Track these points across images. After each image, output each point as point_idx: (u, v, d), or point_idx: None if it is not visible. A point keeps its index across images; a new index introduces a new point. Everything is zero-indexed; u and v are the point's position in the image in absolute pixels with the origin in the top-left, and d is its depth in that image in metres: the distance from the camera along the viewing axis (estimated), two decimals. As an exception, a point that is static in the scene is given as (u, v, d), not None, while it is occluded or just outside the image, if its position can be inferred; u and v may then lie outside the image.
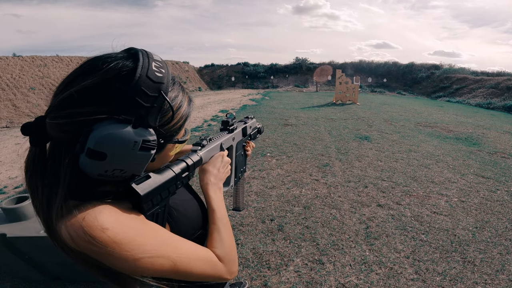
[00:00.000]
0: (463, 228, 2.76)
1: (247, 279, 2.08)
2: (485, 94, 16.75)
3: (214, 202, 0.68)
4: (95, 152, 0.43)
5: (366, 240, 2.55)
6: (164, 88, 0.49)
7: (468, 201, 3.34)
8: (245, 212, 3.00)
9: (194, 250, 0.55)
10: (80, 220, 0.43)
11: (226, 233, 0.65)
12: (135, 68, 0.47)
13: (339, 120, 8.44)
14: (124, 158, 0.46)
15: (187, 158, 0.62)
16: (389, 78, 25.19)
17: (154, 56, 0.51)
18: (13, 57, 15.01)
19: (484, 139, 6.49)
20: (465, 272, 2.17)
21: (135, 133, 0.45)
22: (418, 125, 7.91)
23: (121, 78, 0.46)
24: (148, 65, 0.48)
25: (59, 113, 0.44)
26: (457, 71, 22.89)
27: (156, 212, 0.53)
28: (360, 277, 2.11)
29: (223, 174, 0.74)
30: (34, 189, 0.47)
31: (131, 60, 0.48)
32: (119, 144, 0.44)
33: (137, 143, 0.46)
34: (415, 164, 4.57)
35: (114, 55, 0.49)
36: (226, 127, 0.86)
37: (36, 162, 0.47)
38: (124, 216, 0.47)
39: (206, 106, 12.09)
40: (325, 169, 4.31)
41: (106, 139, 0.43)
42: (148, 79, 0.47)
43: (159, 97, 0.48)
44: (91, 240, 0.42)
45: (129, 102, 0.45)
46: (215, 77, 29.65)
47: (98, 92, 0.45)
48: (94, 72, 0.46)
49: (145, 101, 0.46)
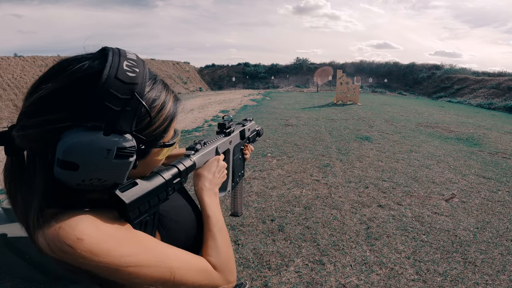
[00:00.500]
0: (464, 228, 2.76)
1: (248, 279, 2.08)
2: (486, 94, 16.73)
3: (209, 208, 0.65)
4: (65, 162, 0.40)
5: (367, 240, 2.54)
6: (138, 89, 0.45)
7: (469, 201, 3.33)
8: (246, 212, 2.99)
9: (186, 259, 0.52)
10: (57, 229, 0.41)
11: (222, 240, 0.62)
12: (102, 69, 0.42)
13: (339, 121, 8.43)
14: (99, 167, 0.43)
15: (178, 163, 0.59)
16: (390, 78, 25.17)
17: (127, 54, 0.47)
18: (14, 57, 15.07)
19: (485, 139, 6.48)
20: (466, 272, 2.17)
21: (107, 141, 0.42)
22: (419, 126, 7.90)
23: (87, 81, 0.42)
24: (118, 65, 0.44)
25: (27, 122, 0.41)
26: (458, 71, 22.86)
27: (145, 220, 0.50)
28: (361, 277, 2.10)
29: (219, 179, 0.71)
30: (14, 199, 0.46)
31: (99, 61, 0.44)
32: (90, 153, 0.41)
33: (110, 151, 0.42)
34: (416, 165, 4.56)
35: (81, 56, 0.45)
36: (223, 129, 0.83)
37: (12, 171, 0.45)
38: (105, 226, 0.44)
39: (207, 106, 12.09)
40: (325, 169, 4.30)
41: (74, 149, 0.40)
42: (118, 80, 0.43)
43: (132, 99, 0.44)
44: (67, 250, 0.40)
45: (98, 107, 0.41)
46: (215, 78, 29.68)
47: (63, 97, 0.41)
48: (59, 75, 0.43)
49: (115, 104, 0.42)
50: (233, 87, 26.80)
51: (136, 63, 0.47)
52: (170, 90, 0.54)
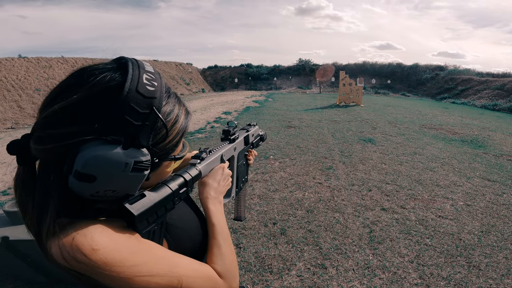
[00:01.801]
0: (469, 232, 2.73)
1: (249, 283, 2.06)
2: (491, 95, 16.60)
3: (214, 216, 0.65)
4: (83, 174, 0.41)
5: (370, 244, 2.52)
6: (156, 103, 0.45)
7: (474, 204, 3.30)
8: (248, 215, 2.98)
9: (192, 267, 0.53)
10: (71, 239, 0.41)
11: (226, 248, 0.63)
12: (123, 82, 0.42)
13: (342, 122, 8.40)
14: (115, 180, 0.43)
15: (185, 173, 0.59)
16: (393, 80, 25.06)
17: (146, 66, 0.47)
18: (19, 58, 15.17)
19: (490, 141, 6.42)
20: (470, 276, 2.14)
21: (125, 155, 0.42)
22: (423, 127, 7.85)
23: (108, 94, 0.42)
24: (138, 78, 0.44)
25: (43, 133, 0.41)
26: (462, 72, 22.70)
27: (153, 229, 0.51)
28: (363, 281, 2.08)
29: (224, 187, 0.72)
30: (24, 207, 0.46)
31: (120, 73, 0.44)
32: (108, 167, 0.41)
33: (128, 165, 0.43)
34: (420, 167, 4.53)
35: (101, 66, 0.45)
36: (227, 136, 0.83)
37: (24, 180, 0.45)
38: (117, 236, 0.44)
39: (209, 108, 12.10)
40: (328, 172, 4.28)
41: (94, 162, 0.40)
42: (138, 94, 0.43)
43: (151, 113, 0.44)
44: (82, 260, 0.41)
45: (118, 121, 0.42)
46: (218, 79, 29.71)
47: (84, 109, 0.41)
48: (79, 86, 0.42)
49: (135, 119, 0.42)
50: (235, 88, 26.82)
51: (155, 76, 0.47)
52: (182, 103, 0.55)
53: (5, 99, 12.27)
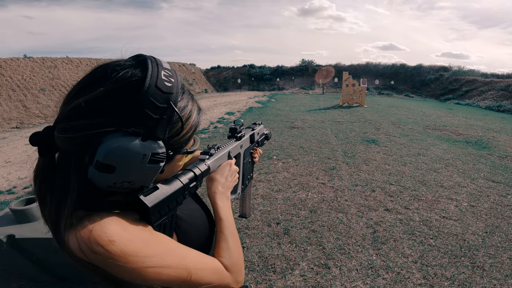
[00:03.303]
0: (473, 233, 2.71)
1: (252, 282, 2.07)
2: (495, 96, 16.48)
3: (222, 211, 0.67)
4: (104, 165, 0.43)
5: (373, 244, 2.52)
6: (173, 99, 0.47)
7: (478, 205, 3.28)
8: (251, 215, 2.99)
9: (201, 260, 0.55)
10: (88, 231, 0.43)
11: (233, 242, 0.64)
12: (144, 78, 0.45)
13: (346, 123, 8.39)
14: (133, 171, 0.45)
15: (194, 167, 0.61)
16: (396, 80, 24.96)
17: (163, 63, 0.49)
18: (24, 59, 15.30)
19: (495, 142, 6.38)
20: (474, 277, 2.13)
21: (144, 146, 0.44)
22: (427, 128, 7.82)
23: (130, 89, 0.44)
24: (157, 74, 0.46)
25: (67, 124, 0.43)
26: (466, 73, 22.56)
27: (164, 222, 0.52)
28: (367, 281, 2.08)
29: (231, 182, 0.73)
30: (43, 199, 0.47)
31: (140, 69, 0.46)
32: (128, 158, 0.44)
33: (146, 156, 0.45)
34: (423, 168, 4.51)
35: (123, 63, 0.47)
36: (234, 134, 0.85)
37: (45, 172, 0.47)
38: (131, 227, 0.46)
39: (213, 108, 12.13)
40: (331, 172, 4.28)
41: (115, 153, 0.42)
42: (157, 89, 0.45)
43: (169, 108, 0.47)
44: (99, 251, 0.42)
45: (138, 114, 0.44)
46: (221, 79, 29.78)
47: (107, 103, 0.44)
48: (103, 81, 0.44)
49: (154, 112, 0.45)
50: (238, 89, 26.85)
51: (171, 73, 0.49)
52: (195, 100, 0.57)
53: (10, 99, 12.38)
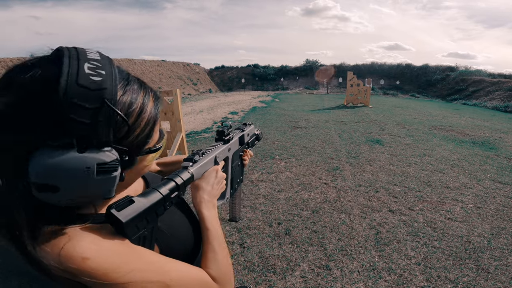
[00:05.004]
0: (478, 234, 2.66)
1: (252, 283, 2.05)
2: (503, 96, 16.24)
3: (208, 220, 0.63)
4: (42, 185, 0.37)
5: (376, 246, 2.48)
6: (108, 95, 0.39)
7: (484, 207, 3.22)
8: (252, 215, 2.97)
9: (186, 272, 0.51)
10: (59, 249, 0.39)
11: (221, 252, 0.61)
12: (58, 76, 0.36)
13: (350, 123, 8.32)
14: (82, 186, 0.39)
15: (176, 176, 0.56)
16: (402, 80, 24.76)
17: (88, 53, 0.40)
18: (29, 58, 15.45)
19: (502, 143, 6.27)
20: (478, 279, 2.09)
21: (83, 158, 0.38)
22: (433, 129, 7.72)
23: (42, 93, 0.36)
24: (77, 69, 0.37)
25: None
26: (473, 73, 22.28)
27: (143, 235, 0.48)
28: (368, 283, 2.04)
29: (217, 190, 0.69)
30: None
31: (54, 66, 0.38)
32: (66, 175, 0.37)
33: (90, 169, 0.38)
34: (429, 169, 4.45)
35: (31, 62, 0.39)
36: (221, 137, 0.81)
37: None
38: (107, 243, 0.42)
39: (216, 108, 12.14)
40: (335, 172, 4.24)
41: (48, 171, 0.36)
42: (81, 87, 0.37)
43: (103, 107, 0.38)
44: (71, 269, 0.38)
45: (62, 122, 0.36)
46: (225, 79, 29.81)
47: (18, 116, 0.36)
48: (7, 89, 0.37)
49: (84, 116, 0.37)
50: (242, 89, 26.87)
51: (101, 64, 0.41)
52: (149, 89, 0.49)
53: (17, 99, 12.54)
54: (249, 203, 3.22)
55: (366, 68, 27.62)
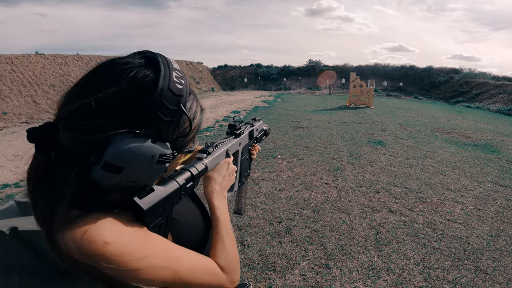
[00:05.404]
0: (478, 236, 2.67)
1: (252, 280, 2.07)
2: (506, 100, 16.15)
3: (218, 211, 0.66)
4: (112, 165, 0.42)
5: (375, 246, 2.49)
6: (183, 101, 0.47)
7: (484, 209, 3.23)
8: (253, 213, 2.99)
9: (196, 260, 0.55)
10: (82, 232, 0.42)
11: (229, 242, 0.64)
12: (156, 80, 0.44)
13: (352, 124, 8.33)
14: (141, 171, 0.45)
15: (191, 167, 0.60)
16: (405, 82, 24.68)
17: (173, 63, 0.49)
18: (36, 55, 15.53)
19: (504, 146, 6.26)
20: (476, 280, 2.11)
21: (153, 148, 0.44)
22: (435, 131, 7.71)
23: (143, 90, 0.44)
24: (169, 76, 0.46)
25: (75, 123, 0.42)
26: (478, 75, 22.16)
27: (159, 223, 0.52)
28: (367, 283, 2.06)
29: (228, 182, 0.72)
30: (36, 198, 0.46)
31: (152, 70, 0.46)
32: (137, 159, 0.43)
33: (154, 157, 0.45)
34: (430, 171, 4.45)
35: (132, 61, 0.46)
36: (233, 131, 0.84)
37: (40, 170, 0.45)
38: (126, 229, 0.46)
39: (218, 107, 12.17)
40: (336, 172, 4.25)
41: (124, 154, 0.42)
42: (170, 91, 0.45)
43: (178, 110, 0.47)
44: (93, 253, 0.42)
45: (149, 116, 0.44)
46: (228, 78, 29.81)
47: (118, 104, 0.43)
48: (114, 81, 0.44)
49: (165, 115, 0.45)
50: (245, 88, 26.86)
51: (182, 74, 0.49)
52: (198, 101, 0.57)
53: (20, 94, 12.59)
54: (250, 201, 3.24)
55: (369, 69, 27.54)
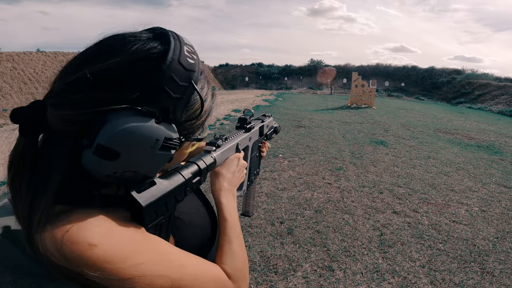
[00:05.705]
0: (483, 238, 2.62)
1: (253, 283, 2.02)
2: (508, 101, 16.12)
3: (226, 210, 0.59)
4: (106, 149, 0.35)
5: (380, 247, 2.44)
6: (195, 77, 0.42)
7: (489, 210, 3.18)
8: (254, 213, 2.94)
9: (200, 267, 0.47)
10: (64, 231, 0.35)
11: (238, 245, 0.56)
12: (166, 51, 0.39)
13: (354, 124, 8.28)
14: (140, 158, 0.39)
15: (199, 160, 0.53)
16: (407, 82, 24.64)
17: (185, 39, 0.44)
18: (37, 53, 15.54)
19: (507, 148, 6.22)
20: (483, 283, 2.06)
21: (157, 130, 0.38)
22: (437, 131, 7.66)
23: (149, 62, 0.38)
24: (180, 49, 0.41)
25: (66, 99, 0.36)
26: (480, 76, 22.14)
27: (160, 223, 0.44)
28: (372, 286, 2.01)
29: (238, 179, 0.65)
30: (16, 190, 0.39)
31: (160, 42, 0.40)
32: (137, 142, 0.37)
33: (158, 142, 0.38)
34: (433, 171, 4.40)
35: (138, 34, 0.41)
36: (243, 125, 0.77)
37: (23, 156, 0.39)
38: (119, 229, 0.38)
39: (220, 105, 12.13)
40: (338, 172, 4.20)
41: (122, 135, 0.35)
42: (180, 65, 0.40)
43: (189, 87, 0.41)
44: (75, 256, 0.34)
45: (155, 91, 0.38)
46: (229, 77, 29.83)
47: (120, 76, 0.37)
48: (117, 52, 0.38)
49: (174, 91, 0.39)
50: (246, 87, 26.85)
51: (194, 50, 0.44)
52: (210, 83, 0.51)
53: (21, 92, 12.58)
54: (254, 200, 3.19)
55: (371, 69, 27.52)
